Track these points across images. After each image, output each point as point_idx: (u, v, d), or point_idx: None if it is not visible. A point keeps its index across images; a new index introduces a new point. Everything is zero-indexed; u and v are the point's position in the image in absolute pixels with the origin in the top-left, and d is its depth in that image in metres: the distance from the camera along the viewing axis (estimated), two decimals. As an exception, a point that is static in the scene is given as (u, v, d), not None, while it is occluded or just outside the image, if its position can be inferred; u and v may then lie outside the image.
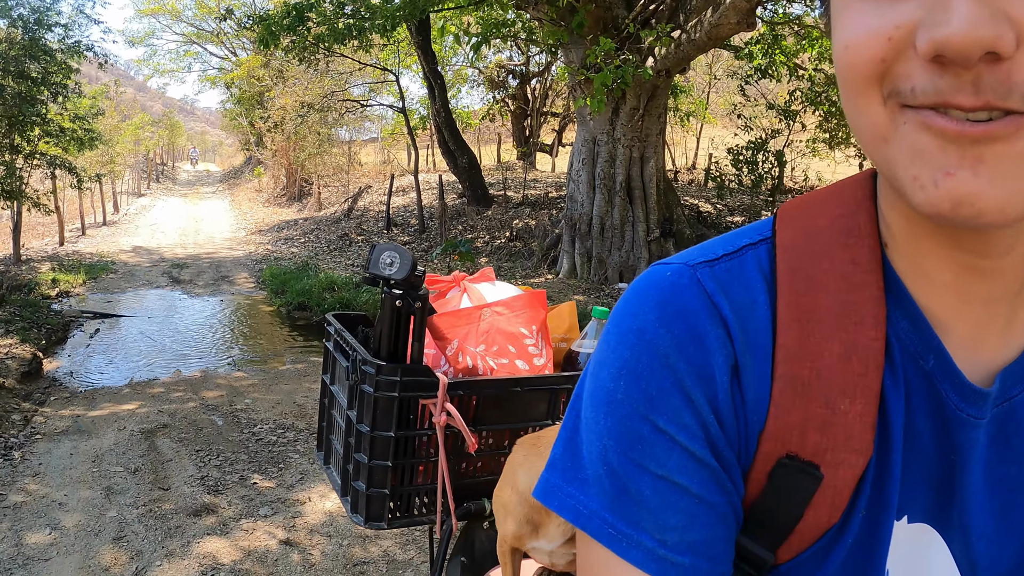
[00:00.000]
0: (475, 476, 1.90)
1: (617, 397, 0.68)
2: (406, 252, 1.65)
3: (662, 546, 0.66)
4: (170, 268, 14.41)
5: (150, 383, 7.21)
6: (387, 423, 1.69)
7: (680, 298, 0.68)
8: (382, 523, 1.78)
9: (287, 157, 26.51)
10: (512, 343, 1.86)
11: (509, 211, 16.49)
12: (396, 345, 1.70)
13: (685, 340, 0.67)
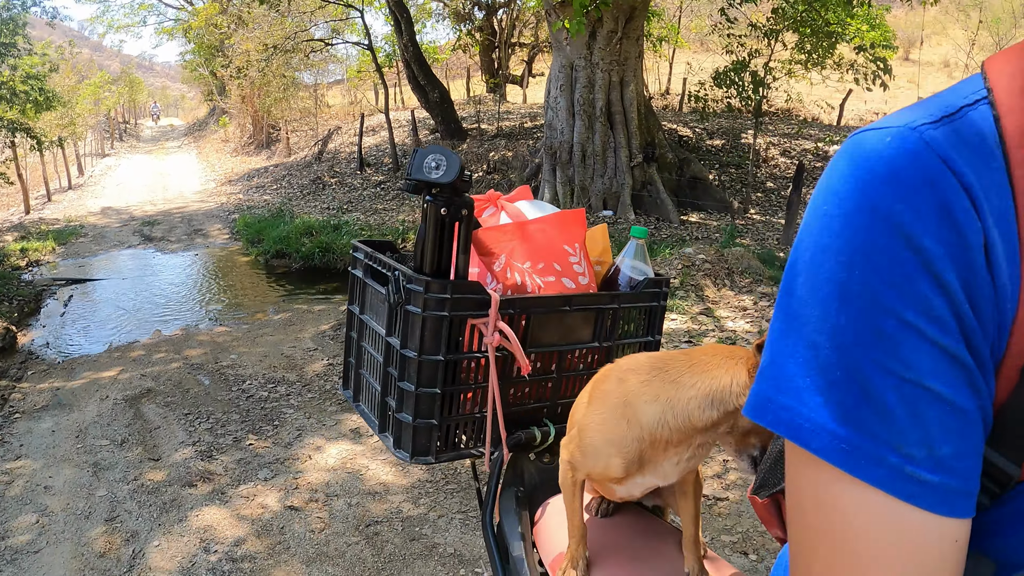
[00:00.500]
0: (523, 403, 1.80)
1: (852, 289, 0.59)
2: (453, 154, 1.51)
3: (908, 462, 0.57)
4: (141, 226, 14.02)
5: (130, 346, 6.91)
6: (436, 346, 1.58)
7: (914, 165, 0.59)
8: (429, 457, 1.67)
9: (252, 104, 26.09)
10: (558, 261, 1.75)
11: (484, 144, 16.21)
12: (440, 259, 1.57)
13: (930, 214, 0.57)
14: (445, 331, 1.55)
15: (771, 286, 7.86)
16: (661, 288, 1.88)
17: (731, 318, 6.90)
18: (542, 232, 1.72)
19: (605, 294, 1.78)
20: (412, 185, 1.52)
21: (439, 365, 1.57)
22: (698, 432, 1.25)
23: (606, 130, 11.93)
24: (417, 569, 3.40)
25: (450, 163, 1.48)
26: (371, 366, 1.79)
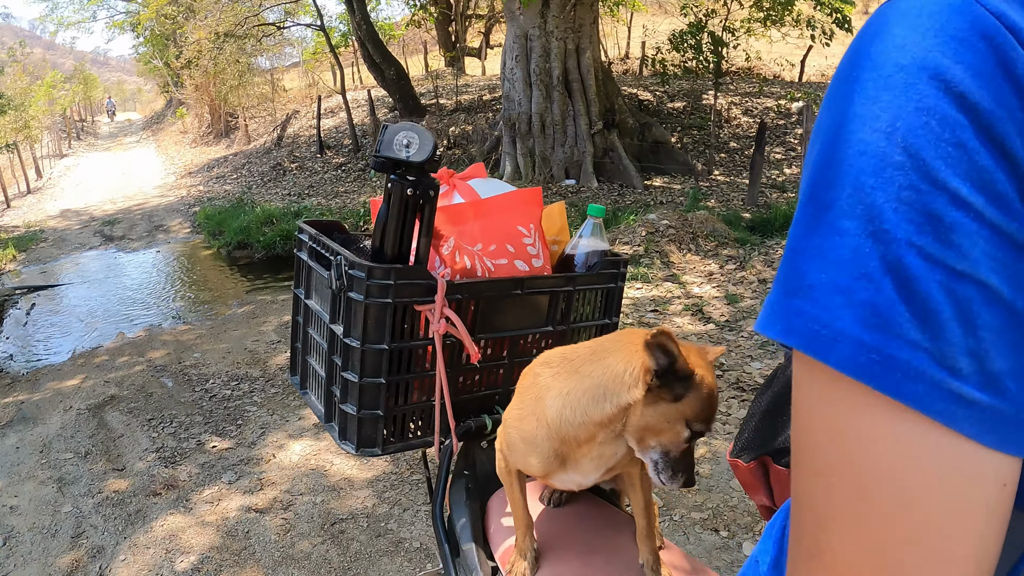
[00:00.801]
0: (473, 391, 1.74)
1: (892, 159, 0.48)
2: (426, 132, 1.42)
3: (953, 375, 0.46)
4: (101, 226, 13.79)
5: (94, 352, 6.79)
6: (380, 334, 1.51)
7: (964, 17, 0.48)
8: (375, 448, 1.61)
9: (208, 93, 25.73)
10: (511, 242, 1.68)
11: (444, 119, 16.06)
12: (402, 243, 1.50)
13: (987, 71, 0.47)
14: (389, 319, 1.48)
15: (736, 248, 7.86)
16: (619, 268, 1.82)
17: (697, 283, 6.88)
18: (495, 212, 1.66)
19: (559, 276, 1.72)
20: (380, 163, 1.43)
21: (383, 354, 1.51)
22: (599, 428, 1.19)
23: (564, 99, 11.84)
24: (383, 566, 3.35)
25: (423, 141, 1.41)
26: (317, 353, 1.73)
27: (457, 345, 1.59)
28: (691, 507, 3.58)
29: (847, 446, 0.49)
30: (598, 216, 1.75)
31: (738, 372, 4.99)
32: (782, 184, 11.56)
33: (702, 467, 3.88)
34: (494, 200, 1.67)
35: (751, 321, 5.86)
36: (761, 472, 1.11)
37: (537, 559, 1.44)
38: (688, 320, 6.00)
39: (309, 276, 1.76)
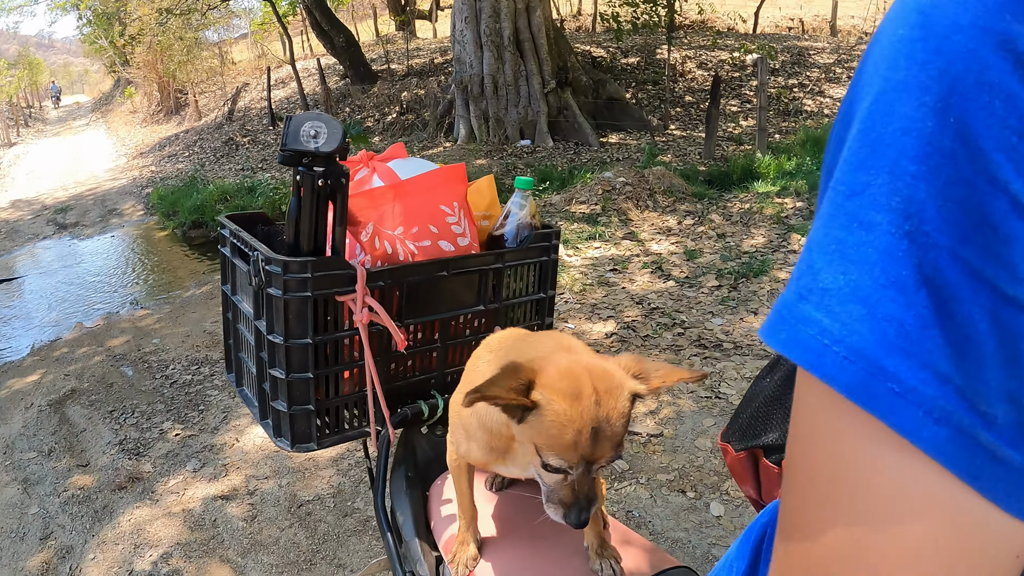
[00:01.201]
0: (407, 377, 1.71)
1: (945, 145, 0.38)
2: (333, 120, 1.38)
3: (986, 424, 0.38)
4: (54, 215, 13.49)
5: (53, 345, 6.66)
6: (302, 329, 1.48)
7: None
8: (311, 444, 1.58)
9: (156, 70, 25.21)
10: (433, 223, 1.64)
11: (396, 84, 15.88)
12: (317, 235, 1.47)
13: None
14: (311, 312, 1.45)
15: (694, 203, 7.87)
16: (551, 240, 1.79)
17: (656, 240, 6.90)
18: (415, 193, 1.61)
19: (487, 254, 1.69)
20: (288, 156, 1.39)
21: (308, 349, 1.48)
22: (507, 426, 1.17)
23: (516, 59, 11.72)
24: (352, 546, 3.35)
25: (331, 130, 1.36)
26: (247, 350, 1.70)
27: (385, 333, 1.56)
28: (657, 469, 3.60)
29: (848, 484, 0.42)
30: (526, 188, 1.71)
31: (699, 329, 5.02)
32: (739, 137, 11.58)
33: (667, 429, 3.91)
34: (414, 181, 1.63)
35: (711, 276, 5.89)
36: (751, 463, 1.06)
37: (480, 548, 1.44)
38: (648, 278, 6.02)
39: (234, 272, 1.73)
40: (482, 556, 1.43)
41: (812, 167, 8.73)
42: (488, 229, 1.80)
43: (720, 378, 4.36)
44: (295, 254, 1.45)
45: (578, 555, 1.40)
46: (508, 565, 1.40)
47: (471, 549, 1.42)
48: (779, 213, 7.26)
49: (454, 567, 1.41)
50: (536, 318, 1.86)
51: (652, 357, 4.69)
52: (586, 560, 1.39)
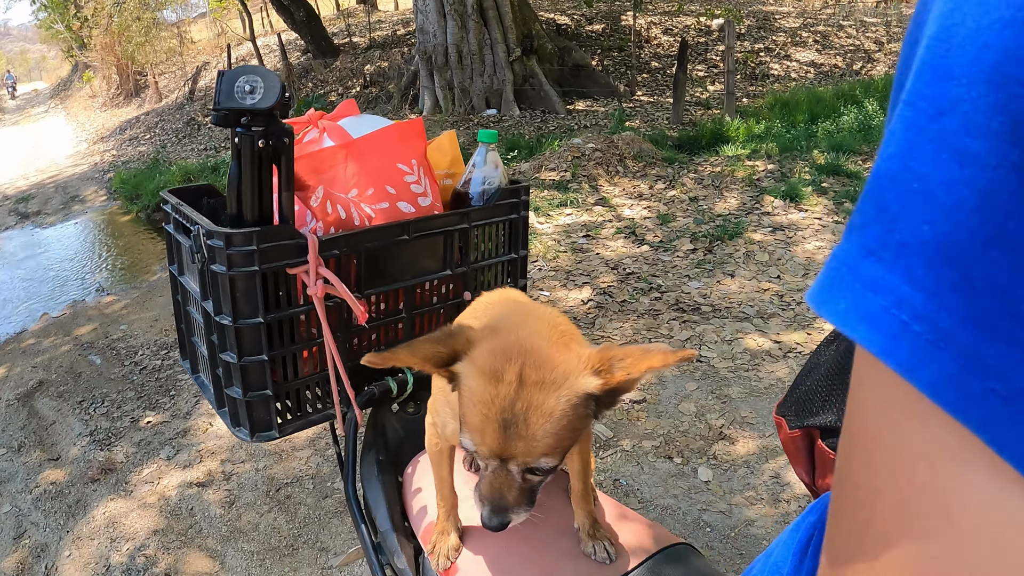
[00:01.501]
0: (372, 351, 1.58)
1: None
2: (270, 72, 1.23)
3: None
4: (15, 204, 13.19)
5: (18, 337, 6.50)
6: (252, 307, 1.35)
7: None
8: (271, 432, 1.47)
9: (114, 53, 24.78)
10: (390, 183, 1.51)
11: (358, 58, 15.65)
12: (262, 202, 1.33)
13: None
14: (260, 288, 1.33)
15: (665, 167, 7.80)
16: (520, 197, 1.68)
17: (628, 205, 6.83)
18: (369, 152, 1.49)
19: (452, 214, 1.57)
20: (222, 116, 1.25)
21: (260, 329, 1.36)
22: None
23: (480, 27, 11.55)
24: (334, 528, 3.28)
25: (267, 84, 1.22)
26: (199, 333, 1.57)
27: (344, 306, 1.45)
28: (642, 435, 3.56)
29: (932, 520, 0.32)
30: (491, 142, 1.60)
31: (676, 293, 4.98)
32: (706, 102, 11.51)
33: (649, 393, 3.86)
34: (367, 139, 1.50)
35: (685, 240, 5.84)
36: (805, 443, 0.94)
37: (462, 536, 1.35)
38: (622, 243, 5.95)
39: (179, 250, 1.60)
40: (464, 545, 1.34)
41: (782, 130, 8.70)
42: (452, 188, 1.69)
43: (700, 341, 4.32)
44: (239, 225, 1.32)
45: (566, 536, 1.32)
46: (492, 553, 1.31)
47: (452, 538, 1.33)
48: (751, 176, 7.22)
49: (434, 558, 1.31)
50: (509, 280, 1.76)
51: (630, 322, 4.64)
52: (575, 542, 1.31)
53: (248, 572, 3.10)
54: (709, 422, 3.61)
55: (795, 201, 6.35)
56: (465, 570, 1.30)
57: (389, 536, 1.47)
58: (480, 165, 1.62)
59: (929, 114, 0.31)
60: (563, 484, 1.43)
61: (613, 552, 1.27)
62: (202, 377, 1.64)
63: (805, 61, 13.75)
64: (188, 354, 1.71)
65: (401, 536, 1.47)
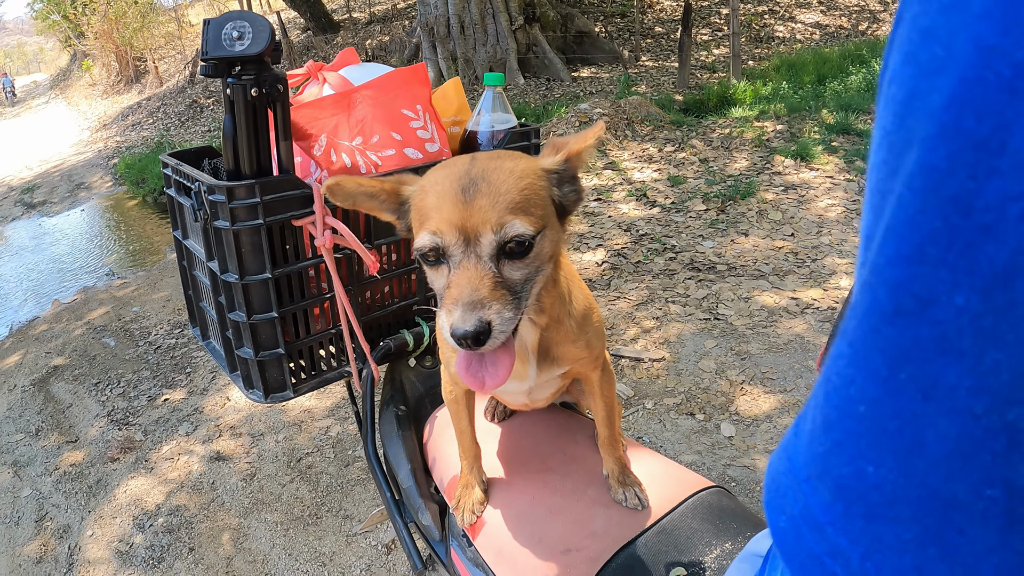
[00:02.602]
0: (385, 305, 1.53)
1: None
2: (259, 17, 1.16)
3: None
4: (21, 195, 13.19)
5: (31, 325, 6.50)
6: (259, 263, 1.29)
7: None
8: (286, 391, 1.42)
9: (112, 40, 24.68)
10: (396, 129, 1.45)
11: (359, 33, 15.58)
12: (259, 154, 1.26)
13: None
14: (266, 242, 1.27)
15: (673, 130, 7.72)
16: (531, 139, 1.62)
17: (637, 168, 6.76)
18: (373, 99, 1.43)
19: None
20: (211, 67, 1.18)
21: (268, 285, 1.31)
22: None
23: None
24: (357, 495, 3.26)
25: (256, 28, 1.16)
26: (207, 297, 1.52)
27: (355, 258, 1.40)
28: (663, 393, 3.53)
29: None
30: (497, 84, 1.54)
31: (691, 253, 4.93)
32: (712, 65, 11.38)
33: (668, 352, 3.83)
34: (370, 86, 1.44)
35: (697, 201, 5.78)
36: None
37: (487, 489, 1.30)
38: (634, 206, 5.90)
39: (182, 213, 1.55)
40: (489, 498, 1.30)
41: (789, 91, 8.60)
42: (459, 136, 1.63)
43: (717, 300, 4.28)
44: (238, 179, 1.27)
45: (595, 485, 1.28)
46: (519, 505, 1.26)
47: (476, 492, 1.28)
48: (760, 136, 7.14)
49: (459, 513, 1.27)
50: None
51: (646, 283, 4.60)
52: (605, 490, 1.26)
53: (272, 543, 3.09)
54: (729, 378, 3.57)
55: (806, 160, 6.28)
56: (492, 524, 1.25)
57: (412, 493, 1.44)
58: (488, 109, 1.56)
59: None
60: (590, 432, 1.38)
61: (644, 498, 1.23)
62: (213, 343, 1.60)
63: (810, 22, 13.58)
64: (198, 320, 1.67)
65: (424, 493, 1.44)
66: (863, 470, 0.27)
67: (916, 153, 0.26)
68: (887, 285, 0.27)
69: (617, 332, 4.08)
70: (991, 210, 0.24)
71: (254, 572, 2.97)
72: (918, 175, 0.26)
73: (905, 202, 0.26)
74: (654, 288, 4.51)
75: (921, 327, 0.25)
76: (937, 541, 0.25)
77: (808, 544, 0.29)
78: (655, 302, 4.33)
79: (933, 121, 0.25)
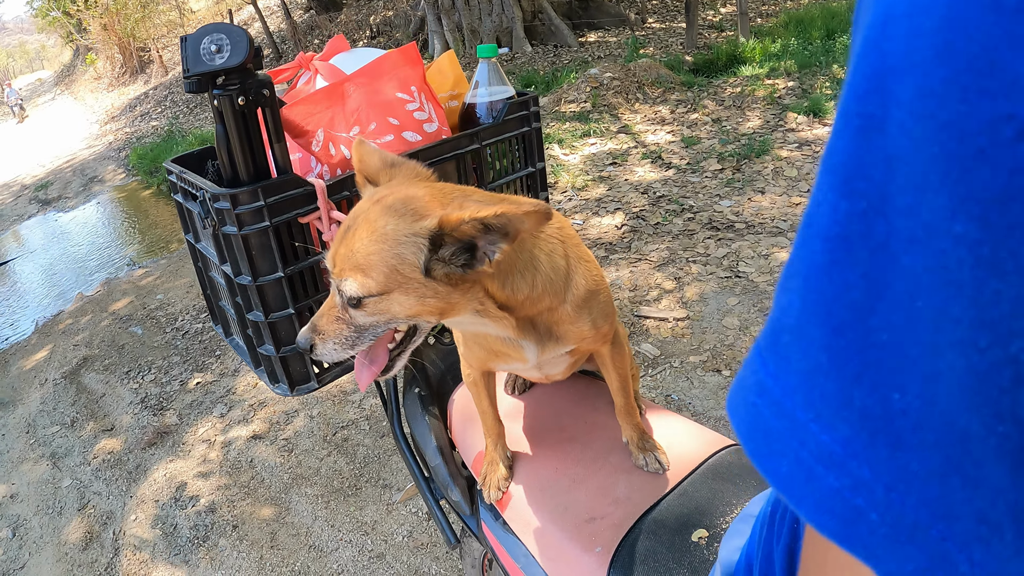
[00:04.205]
0: None
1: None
2: (236, 28, 1.18)
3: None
4: (35, 192, 13.28)
5: (56, 319, 6.56)
6: (270, 264, 1.32)
7: None
8: (311, 383, 1.45)
9: (114, 32, 24.67)
10: (392, 114, 1.46)
11: (363, 9, 15.44)
12: (254, 159, 1.28)
13: None
14: (275, 243, 1.30)
15: (684, 91, 7.68)
16: (529, 108, 1.62)
17: (650, 131, 6.73)
18: (365, 86, 1.43)
19: (461, 136, 1.51)
20: (195, 83, 1.20)
21: (282, 283, 1.33)
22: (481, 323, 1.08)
23: (484, -35, 11.37)
24: (394, 465, 3.31)
25: (234, 40, 1.18)
26: (226, 297, 1.55)
27: None
28: (688, 351, 3.54)
29: None
30: (491, 56, 1.54)
31: (709, 212, 4.92)
32: (719, 24, 11.25)
33: (692, 310, 3.84)
34: (361, 73, 1.44)
35: (712, 161, 5.75)
36: None
37: (511, 465, 1.34)
38: (649, 168, 5.88)
39: (192, 218, 1.57)
40: (514, 472, 1.33)
41: (798, 48, 8.51)
42: (458, 110, 1.63)
43: (737, 258, 4.28)
44: (238, 186, 1.29)
45: (616, 452, 1.30)
46: (543, 477, 1.30)
47: (501, 469, 1.32)
48: (772, 94, 7.08)
49: (486, 490, 1.31)
50: (530, 195, 1.71)
51: (666, 244, 4.60)
52: (626, 456, 1.29)
53: (314, 515, 3.15)
54: (753, 334, 3.58)
55: (819, 116, 6.24)
56: (518, 497, 1.28)
57: (440, 470, 1.47)
58: (483, 80, 1.57)
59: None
60: (610, 398, 1.41)
61: (665, 461, 1.25)
62: (236, 339, 1.63)
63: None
64: (219, 318, 1.70)
65: (453, 469, 1.47)
66: (888, 397, 0.27)
67: (911, 78, 0.26)
68: (900, 213, 0.27)
69: (640, 293, 4.10)
70: (984, 133, 0.23)
71: (298, 544, 3.03)
72: (916, 100, 0.25)
73: (907, 128, 0.26)
74: (674, 248, 4.52)
75: (929, 256, 0.25)
76: (959, 471, 0.25)
77: (825, 483, 0.29)
78: (676, 262, 4.34)
79: (926, 43, 0.25)
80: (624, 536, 1.13)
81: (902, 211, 0.26)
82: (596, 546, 1.13)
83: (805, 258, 0.30)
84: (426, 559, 2.82)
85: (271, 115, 1.27)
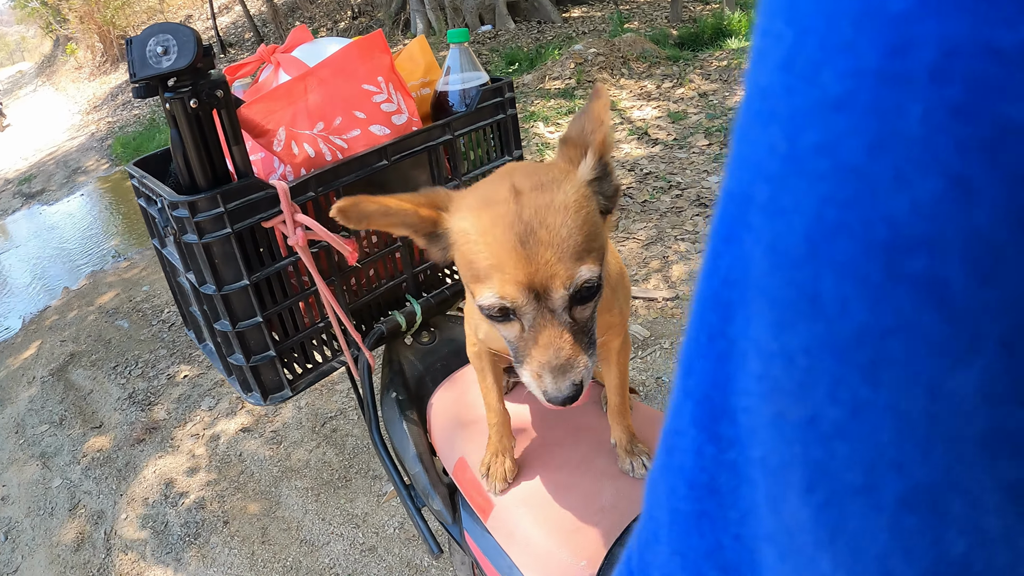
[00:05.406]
0: (373, 289, 1.51)
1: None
2: (182, 27, 1.11)
3: None
4: (18, 186, 13.13)
5: (43, 315, 6.50)
6: (234, 271, 1.27)
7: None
8: (284, 391, 1.40)
9: (94, 21, 24.39)
10: (359, 107, 1.39)
11: (344, -11, 15.27)
12: (212, 163, 1.22)
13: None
14: (238, 250, 1.24)
15: (670, 66, 7.61)
16: (504, 94, 1.56)
17: (636, 107, 6.67)
18: (328, 80, 1.36)
19: (432, 127, 1.45)
20: (143, 88, 1.14)
21: (248, 291, 1.28)
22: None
23: (465, -59, 11.25)
24: (384, 456, 3.29)
25: (180, 40, 1.11)
26: (196, 304, 1.50)
27: (332, 248, 1.37)
28: (679, 332, 3.52)
29: None
30: (462, 41, 1.48)
31: (697, 189, 4.88)
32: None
33: (680, 289, 3.80)
34: (323, 65, 1.37)
35: (699, 136, 5.71)
36: None
37: (514, 462, 1.27)
38: (635, 145, 5.83)
39: (155, 223, 1.51)
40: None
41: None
42: (431, 96, 1.57)
43: (727, 234, 4.24)
44: (196, 192, 1.23)
45: (603, 455, 1.25)
46: (527, 484, 1.24)
47: (507, 460, 1.24)
48: (758, 65, 7.04)
49: (490, 482, 1.24)
50: None
51: (653, 222, 4.56)
52: (613, 460, 1.24)
53: (305, 508, 3.12)
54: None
55: (806, 85, 6.19)
56: (501, 506, 1.23)
57: (420, 478, 1.43)
58: (455, 66, 1.51)
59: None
60: (596, 398, 1.37)
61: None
62: (208, 345, 1.58)
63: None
64: (191, 324, 1.65)
65: (433, 477, 1.43)
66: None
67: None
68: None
69: (628, 273, 4.06)
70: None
71: (289, 539, 3.00)
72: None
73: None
74: (662, 227, 4.48)
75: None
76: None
77: None
78: (664, 240, 4.30)
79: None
80: (610, 549, 1.09)
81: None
82: (580, 560, 1.09)
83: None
84: (418, 551, 2.79)
85: (227, 116, 1.21)
